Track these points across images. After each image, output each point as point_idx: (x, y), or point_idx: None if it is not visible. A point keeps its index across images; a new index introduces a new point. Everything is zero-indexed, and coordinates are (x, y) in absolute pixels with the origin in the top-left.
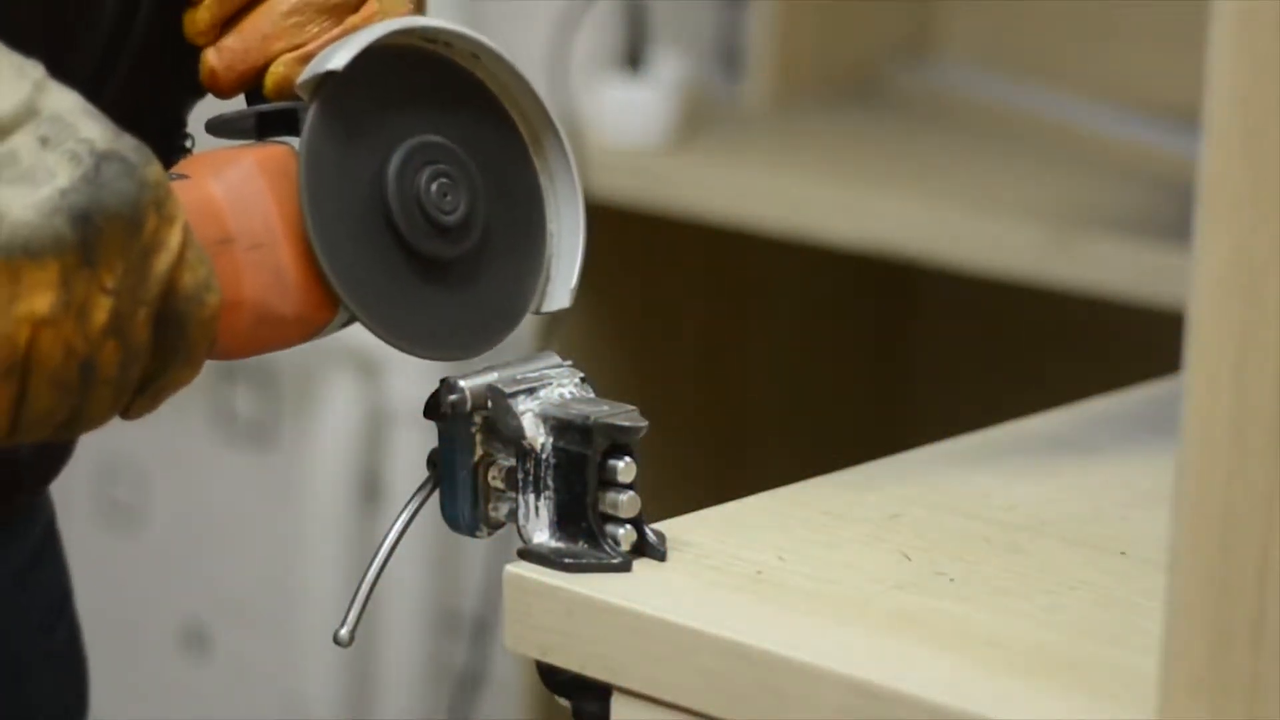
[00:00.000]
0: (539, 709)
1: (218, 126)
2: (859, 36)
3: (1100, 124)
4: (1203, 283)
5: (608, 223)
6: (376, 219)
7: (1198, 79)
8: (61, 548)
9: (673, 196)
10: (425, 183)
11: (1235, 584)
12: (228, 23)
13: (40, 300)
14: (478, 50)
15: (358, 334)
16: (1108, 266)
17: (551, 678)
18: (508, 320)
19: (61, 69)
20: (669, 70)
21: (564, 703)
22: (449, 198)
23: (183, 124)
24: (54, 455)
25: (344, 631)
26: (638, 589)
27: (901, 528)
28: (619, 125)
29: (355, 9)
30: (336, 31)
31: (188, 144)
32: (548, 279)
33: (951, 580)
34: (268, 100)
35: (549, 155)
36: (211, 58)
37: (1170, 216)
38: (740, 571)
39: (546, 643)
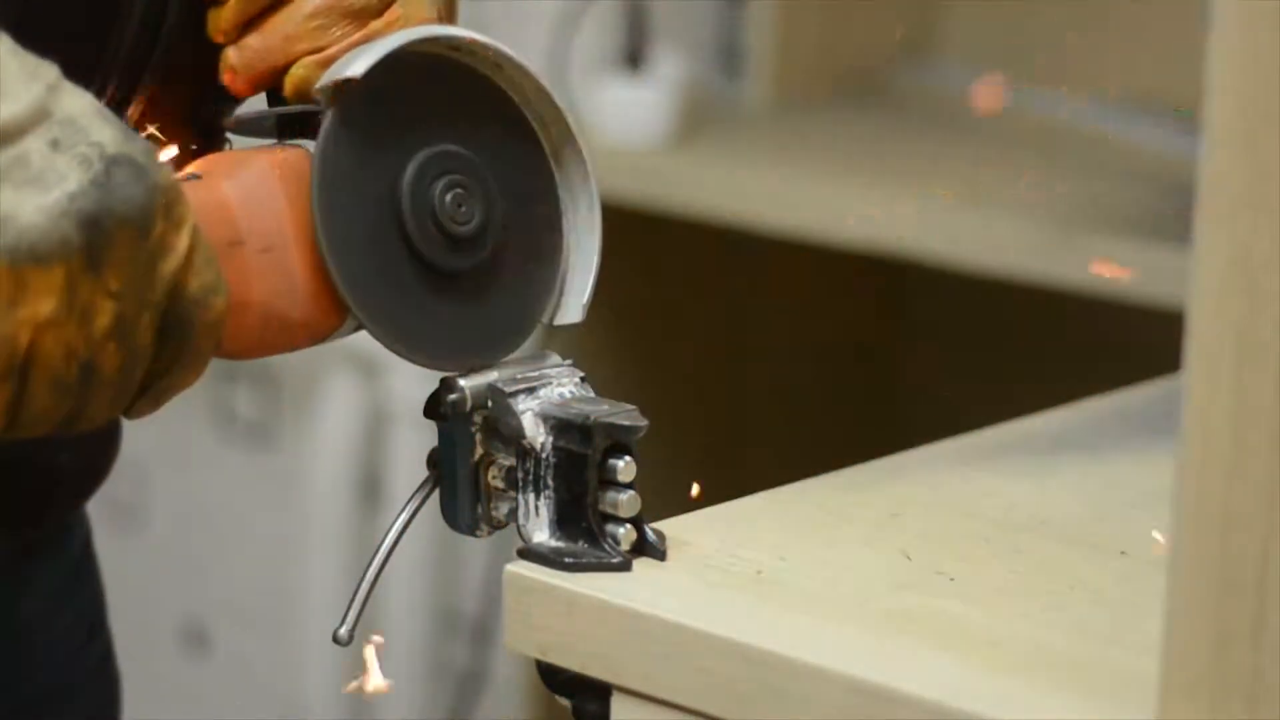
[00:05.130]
0: (539, 709)
1: (236, 125)
2: (859, 36)
3: (1100, 124)
4: (1203, 283)
5: (607, 222)
6: (389, 227)
7: (1198, 79)
8: (98, 566)
9: (673, 196)
10: (440, 193)
11: (1235, 584)
12: (251, 23)
13: (43, 304)
14: (501, 60)
15: (359, 334)
16: (1108, 266)
17: (551, 677)
18: (517, 333)
19: (84, 75)
20: (669, 70)
21: (564, 703)
22: (464, 209)
23: (222, 131)
24: (90, 471)
25: (343, 631)
26: (638, 589)
27: (901, 528)
28: (619, 125)
29: (379, 14)
30: (358, 36)
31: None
32: (561, 292)
33: (951, 580)
34: (288, 102)
35: (569, 168)
36: (232, 56)
37: (1170, 216)
38: (740, 571)
39: (546, 642)
